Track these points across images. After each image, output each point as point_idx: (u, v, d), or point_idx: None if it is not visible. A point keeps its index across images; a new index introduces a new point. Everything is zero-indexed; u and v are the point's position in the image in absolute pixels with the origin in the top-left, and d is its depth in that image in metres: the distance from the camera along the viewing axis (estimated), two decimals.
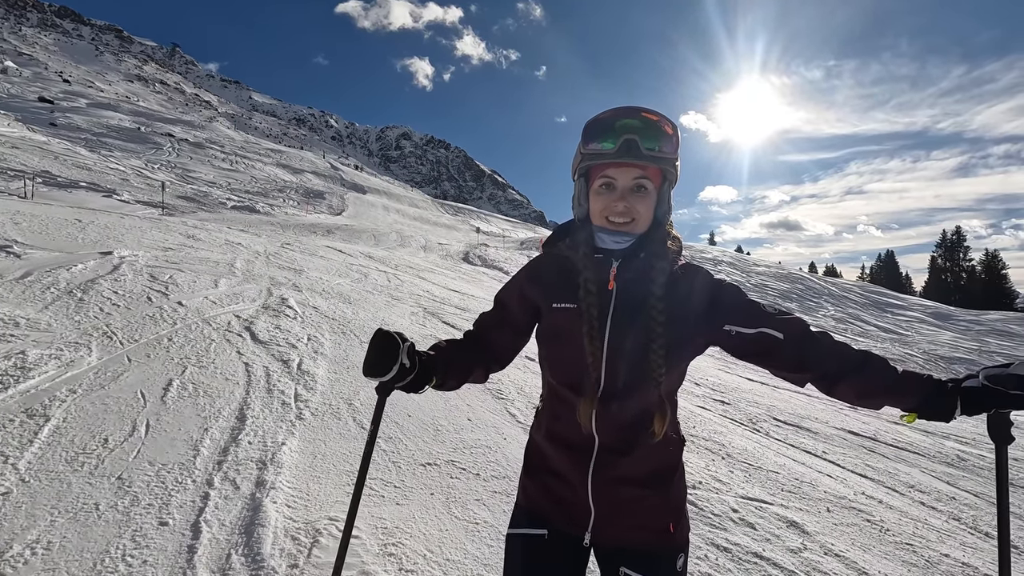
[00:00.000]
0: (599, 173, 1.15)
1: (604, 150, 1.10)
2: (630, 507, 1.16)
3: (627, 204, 1.12)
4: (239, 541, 2.15)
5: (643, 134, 1.08)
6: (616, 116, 1.11)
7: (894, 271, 65.97)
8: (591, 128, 1.13)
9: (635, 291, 1.14)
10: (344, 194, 40.57)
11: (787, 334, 1.09)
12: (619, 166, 1.11)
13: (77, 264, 6.10)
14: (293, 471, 2.74)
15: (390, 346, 1.16)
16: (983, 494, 4.23)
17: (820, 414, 6.32)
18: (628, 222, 1.14)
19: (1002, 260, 50.82)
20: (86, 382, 3.38)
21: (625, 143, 1.08)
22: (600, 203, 1.15)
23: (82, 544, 2.03)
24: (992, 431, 1.02)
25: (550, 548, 1.19)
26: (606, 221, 1.15)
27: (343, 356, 4.71)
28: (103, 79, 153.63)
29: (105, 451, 2.67)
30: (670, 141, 1.11)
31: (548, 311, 1.21)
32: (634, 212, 1.13)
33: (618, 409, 1.13)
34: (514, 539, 1.24)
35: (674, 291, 1.14)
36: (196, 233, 10.75)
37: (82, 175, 21.66)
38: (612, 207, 1.13)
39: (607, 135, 1.10)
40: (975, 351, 15.68)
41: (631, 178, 1.12)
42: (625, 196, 1.12)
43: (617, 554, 1.17)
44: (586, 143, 1.14)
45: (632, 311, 1.13)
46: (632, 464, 1.16)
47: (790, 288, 23.13)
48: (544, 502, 1.23)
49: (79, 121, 39.70)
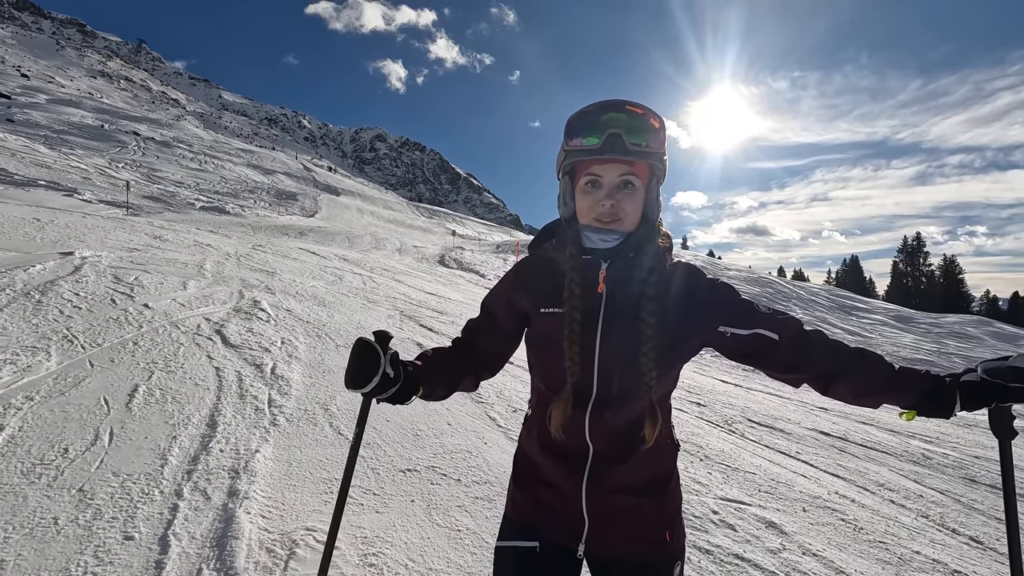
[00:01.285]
0: (584, 170, 1.09)
1: (588, 146, 1.05)
2: (626, 517, 1.12)
3: (614, 202, 1.07)
4: (211, 555, 2.05)
5: (628, 128, 1.03)
6: (600, 110, 1.06)
7: (859, 275, 68.19)
8: (574, 123, 1.08)
9: (625, 293, 1.09)
10: (317, 196, 39.96)
11: (782, 335, 1.07)
12: (604, 162, 1.06)
13: (35, 264, 5.82)
14: (267, 480, 2.65)
15: (371, 356, 1.08)
16: (949, 491, 4.36)
17: (792, 415, 6.45)
18: (616, 220, 1.08)
19: (959, 265, 53.11)
20: (44, 388, 3.21)
21: (610, 138, 1.03)
22: (586, 201, 1.10)
23: (39, 562, 1.91)
24: (994, 426, 1.00)
25: (542, 561, 1.13)
26: (593, 220, 1.10)
27: (318, 360, 4.60)
28: (64, 74, 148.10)
29: (65, 461, 2.53)
30: (657, 135, 1.06)
31: (536, 316, 1.16)
32: (621, 210, 1.08)
33: (612, 416, 1.09)
34: (505, 552, 1.17)
35: (666, 292, 1.10)
36: (163, 234, 10.40)
37: (41, 173, 20.81)
38: (599, 205, 1.08)
39: (591, 130, 1.05)
40: (935, 352, 16.24)
41: (617, 174, 1.06)
42: (612, 194, 1.07)
43: (613, 565, 1.14)
44: (569, 139, 1.09)
45: (623, 314, 1.08)
46: (628, 472, 1.11)
47: (760, 292, 23.65)
48: (535, 514, 1.18)
49: (38, 117, 38.16)
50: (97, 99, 67.82)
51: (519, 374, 5.41)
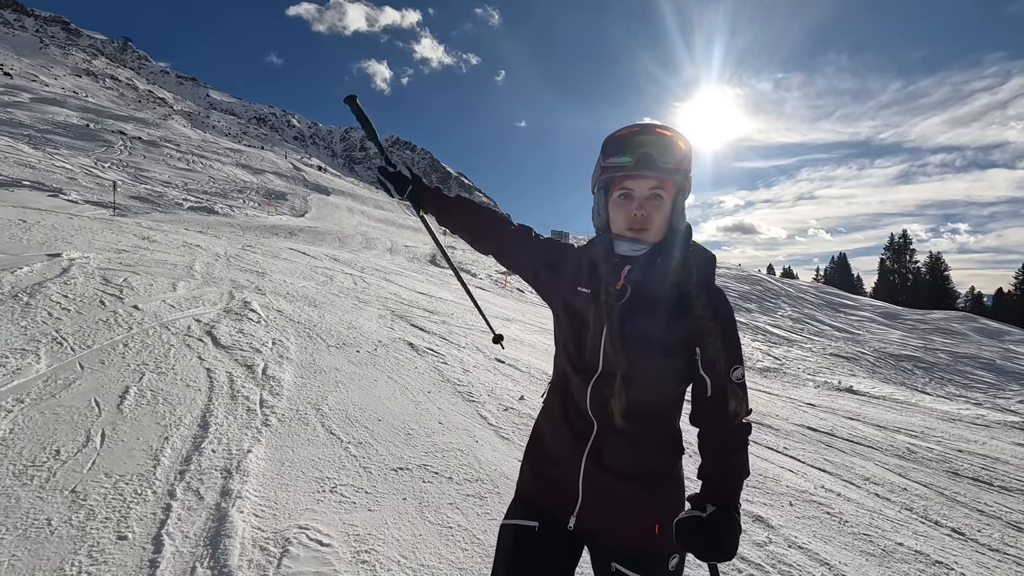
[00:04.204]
0: (618, 185, 1.22)
1: (624, 163, 1.18)
2: (616, 498, 1.21)
3: (644, 212, 1.19)
4: (204, 553, 2.07)
5: (659, 148, 1.16)
6: (634, 133, 1.19)
7: (846, 273, 68.90)
8: (611, 144, 1.22)
9: (642, 295, 1.22)
10: (307, 195, 39.67)
11: (721, 410, 1.21)
12: (636, 178, 1.18)
13: (22, 267, 5.77)
14: (260, 479, 2.66)
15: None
16: (932, 484, 4.46)
17: (781, 411, 6.55)
18: (644, 230, 1.21)
19: (944, 262, 53.79)
20: (35, 391, 3.20)
21: (643, 156, 1.16)
22: (620, 212, 1.22)
23: (33, 562, 1.91)
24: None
25: (540, 540, 1.23)
26: (626, 229, 1.22)
27: (310, 360, 4.60)
28: (48, 73, 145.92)
29: (57, 463, 2.53)
30: (684, 155, 1.19)
31: (572, 293, 1.29)
32: (650, 220, 1.20)
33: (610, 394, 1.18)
34: (506, 529, 1.28)
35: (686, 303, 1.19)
36: (151, 235, 10.32)
37: (25, 173, 20.51)
38: (631, 215, 1.20)
39: (626, 150, 1.18)
40: (921, 348, 16.50)
41: (648, 188, 1.19)
42: (643, 205, 1.19)
43: (611, 550, 1.23)
44: (606, 158, 1.22)
45: (633, 313, 1.20)
46: (625, 456, 1.21)
47: (750, 289, 23.87)
48: (537, 485, 1.31)
49: (21, 116, 37.55)
50: (82, 98, 66.85)
51: (509, 373, 5.45)
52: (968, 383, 13.12)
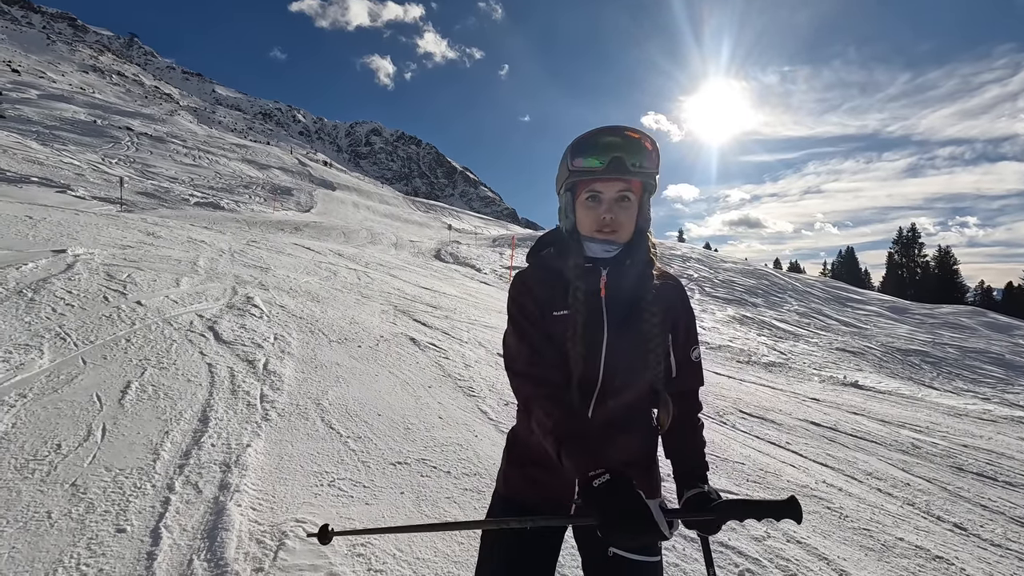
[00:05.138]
0: (585, 187, 1.22)
1: (593, 167, 1.18)
2: None
3: (613, 215, 1.20)
4: (201, 546, 2.09)
5: (628, 151, 1.17)
6: (601, 135, 1.19)
7: (854, 267, 68.35)
8: (578, 146, 1.21)
9: (624, 297, 1.24)
10: (313, 191, 39.78)
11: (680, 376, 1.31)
12: (605, 181, 1.19)
13: (28, 263, 5.82)
14: (258, 473, 2.68)
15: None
16: (936, 480, 4.42)
17: (784, 406, 6.51)
18: (614, 232, 1.21)
19: (954, 256, 53.23)
20: (37, 386, 3.23)
21: (613, 160, 1.16)
22: (588, 215, 1.22)
23: (33, 554, 1.94)
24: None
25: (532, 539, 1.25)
26: (595, 232, 1.22)
27: (311, 355, 4.63)
28: (56, 69, 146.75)
29: (58, 457, 2.56)
30: (651, 156, 1.20)
31: (549, 319, 1.26)
32: (618, 223, 1.21)
33: (613, 405, 1.22)
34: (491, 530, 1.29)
35: (657, 296, 1.26)
36: (156, 230, 10.38)
37: (34, 170, 20.68)
38: (600, 218, 1.20)
39: (594, 153, 1.18)
40: (929, 343, 16.36)
41: (616, 190, 1.20)
42: (611, 207, 1.20)
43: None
44: (573, 160, 1.21)
45: (623, 314, 1.23)
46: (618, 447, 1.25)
47: (756, 284, 23.73)
48: (526, 488, 1.31)
49: (30, 113, 37.83)
50: (89, 94, 67.20)
51: None
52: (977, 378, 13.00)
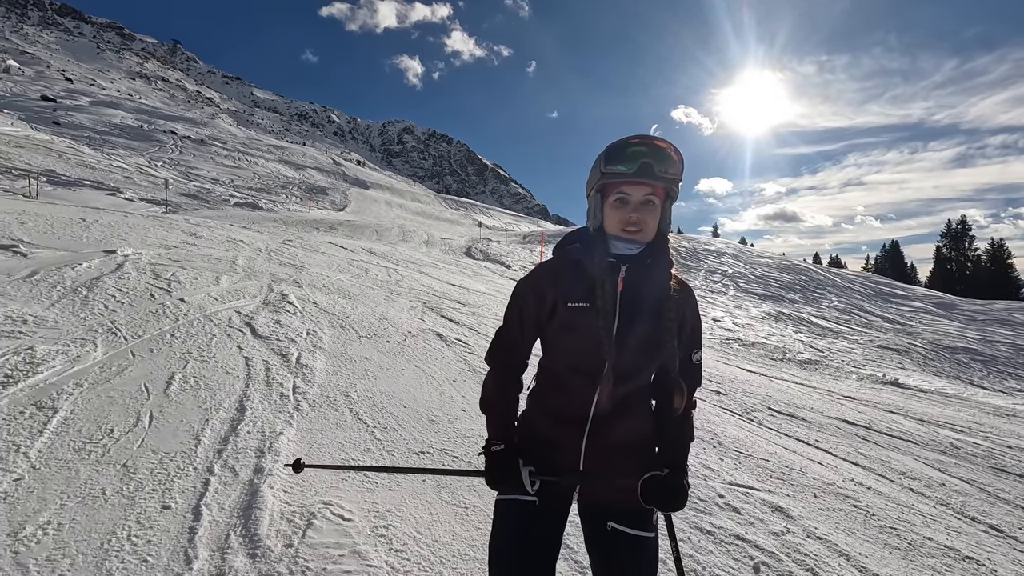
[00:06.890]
0: (615, 190, 1.33)
1: (624, 171, 1.29)
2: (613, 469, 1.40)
3: (639, 215, 1.31)
4: (237, 523, 2.26)
5: (656, 158, 1.28)
6: (632, 144, 1.30)
7: (899, 261, 65.56)
8: (611, 152, 1.31)
9: (640, 293, 1.36)
10: (347, 190, 40.65)
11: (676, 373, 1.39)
12: (633, 184, 1.30)
13: (82, 263, 6.21)
14: (290, 459, 2.83)
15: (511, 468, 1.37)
16: (974, 480, 4.28)
17: (816, 404, 6.38)
18: (639, 231, 1.33)
19: (1008, 249, 50.46)
20: (92, 376, 3.49)
21: (642, 166, 1.27)
22: (616, 215, 1.33)
23: (90, 525, 2.14)
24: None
25: (540, 512, 1.36)
26: (621, 231, 1.34)
27: (342, 350, 4.81)
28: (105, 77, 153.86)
29: (111, 441, 2.78)
30: (676, 165, 1.31)
31: (564, 309, 1.37)
32: (643, 223, 1.32)
33: (618, 390, 1.35)
34: (509, 504, 1.39)
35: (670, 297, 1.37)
36: (198, 231, 10.85)
37: (86, 173, 21.82)
38: (627, 218, 1.32)
39: (626, 159, 1.29)
40: (979, 340, 15.63)
41: (643, 194, 1.31)
42: (637, 208, 1.31)
43: (605, 513, 1.38)
44: (606, 164, 1.31)
45: (637, 308, 1.35)
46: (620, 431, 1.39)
47: (794, 279, 23.07)
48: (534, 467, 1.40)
49: (82, 119, 39.85)
50: (136, 100, 70.28)
51: (533, 362, 5.52)
52: None
